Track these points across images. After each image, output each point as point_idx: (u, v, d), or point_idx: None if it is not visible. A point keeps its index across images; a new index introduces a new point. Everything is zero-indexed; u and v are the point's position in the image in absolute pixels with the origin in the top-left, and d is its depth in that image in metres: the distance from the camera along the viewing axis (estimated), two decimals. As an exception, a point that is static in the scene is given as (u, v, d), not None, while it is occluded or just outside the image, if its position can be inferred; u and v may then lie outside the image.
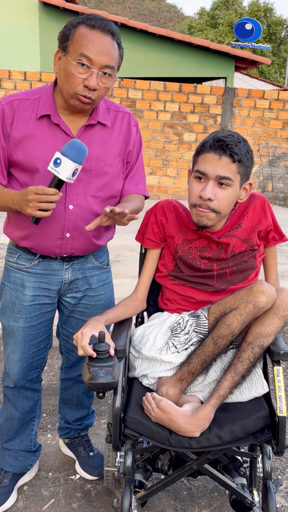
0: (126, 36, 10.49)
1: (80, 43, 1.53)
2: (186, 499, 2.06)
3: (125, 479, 1.58)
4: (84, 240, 1.77)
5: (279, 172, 9.40)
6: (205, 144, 1.64)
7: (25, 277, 1.80)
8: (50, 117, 1.64)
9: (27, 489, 2.08)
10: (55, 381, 2.95)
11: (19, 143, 1.64)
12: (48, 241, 1.73)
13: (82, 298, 1.90)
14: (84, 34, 1.53)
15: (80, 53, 1.52)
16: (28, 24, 10.56)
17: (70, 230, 1.72)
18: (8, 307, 1.84)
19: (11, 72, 8.34)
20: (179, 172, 9.14)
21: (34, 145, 1.64)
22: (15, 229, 1.77)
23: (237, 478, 1.79)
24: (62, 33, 1.58)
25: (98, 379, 1.38)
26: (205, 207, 1.63)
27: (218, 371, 1.65)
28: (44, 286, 1.82)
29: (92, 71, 1.54)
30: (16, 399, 1.95)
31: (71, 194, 1.69)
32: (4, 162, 1.67)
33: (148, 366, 1.71)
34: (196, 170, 1.65)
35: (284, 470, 2.28)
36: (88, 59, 1.52)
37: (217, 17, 36.93)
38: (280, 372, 1.57)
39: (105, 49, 1.54)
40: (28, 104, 1.66)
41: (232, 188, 1.63)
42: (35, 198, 1.47)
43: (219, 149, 1.60)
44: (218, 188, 1.62)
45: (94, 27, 1.53)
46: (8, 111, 1.63)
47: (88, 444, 2.23)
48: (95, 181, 1.71)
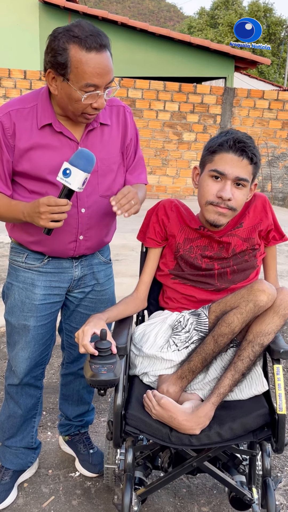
0: (126, 36, 10.51)
1: (83, 72, 1.48)
2: (185, 497, 2.08)
3: (126, 476, 1.59)
4: (96, 239, 1.79)
5: (278, 172, 9.42)
6: (224, 144, 1.64)
7: (36, 276, 1.80)
8: (51, 126, 1.64)
9: (27, 486, 2.09)
10: (55, 379, 2.96)
11: (25, 154, 1.63)
12: (62, 245, 1.74)
13: (89, 293, 1.92)
14: (83, 61, 1.47)
15: (86, 84, 1.49)
16: (28, 23, 10.57)
17: (83, 233, 1.74)
18: (17, 307, 1.83)
19: (11, 70, 8.34)
20: (179, 171, 9.15)
21: (40, 155, 1.63)
22: (24, 234, 1.76)
23: (236, 476, 1.80)
24: (54, 58, 1.49)
25: (100, 376, 1.39)
26: (224, 206, 1.65)
27: (218, 369, 1.66)
28: (55, 284, 1.83)
29: (99, 94, 1.53)
30: (20, 396, 1.96)
31: (82, 198, 1.70)
32: (8, 174, 1.66)
33: (149, 364, 1.72)
34: (214, 169, 1.65)
35: (282, 468, 2.30)
36: (95, 86, 1.51)
37: (217, 17, 36.94)
38: (280, 371, 1.58)
39: (106, 68, 1.51)
40: (26, 113, 1.63)
41: (246, 188, 1.67)
42: (48, 210, 1.47)
43: (240, 150, 1.61)
44: (235, 188, 1.65)
45: (90, 50, 1.46)
46: (7, 123, 1.61)
47: (88, 442, 2.24)
48: (102, 181, 1.73)
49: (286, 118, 9.10)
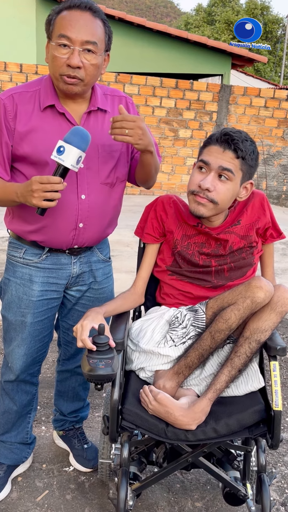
0: (123, 31, 10.45)
1: (60, 25, 1.54)
2: (179, 492, 2.08)
3: (122, 471, 1.59)
4: (96, 229, 1.77)
5: (273, 170, 9.43)
6: (212, 137, 1.66)
7: (34, 272, 1.79)
8: (54, 107, 1.64)
9: (21, 480, 2.09)
10: (49, 373, 2.95)
11: (25, 137, 1.63)
12: (61, 233, 1.71)
13: (87, 291, 1.91)
14: (63, 16, 1.54)
15: (59, 34, 1.53)
16: (25, 16, 10.47)
17: (83, 220, 1.72)
18: (14, 303, 1.82)
19: (7, 64, 8.27)
20: (174, 168, 9.14)
21: (40, 137, 1.63)
22: (23, 224, 1.74)
23: (230, 472, 1.81)
24: (46, 21, 1.60)
25: (98, 371, 1.39)
26: (203, 196, 1.64)
27: (214, 365, 1.67)
28: (52, 280, 1.81)
29: (72, 49, 1.53)
30: (15, 393, 1.96)
31: (82, 184, 1.68)
32: (7, 158, 1.66)
33: (146, 359, 1.72)
34: (200, 160, 1.67)
35: (275, 464, 2.31)
36: (67, 39, 1.53)
37: (214, 14, 36.86)
38: (276, 367, 1.59)
39: (84, 25, 1.53)
40: (29, 97, 1.65)
41: (232, 183, 1.65)
42: (40, 188, 1.45)
43: (225, 142, 1.62)
44: (218, 180, 1.64)
45: (71, 8, 1.54)
46: (10, 106, 1.62)
47: (82, 437, 2.24)
48: (103, 168, 1.72)
49: (282, 116, 9.11)
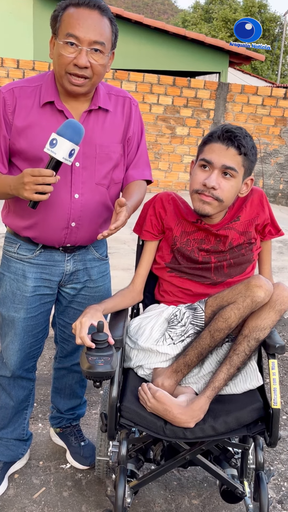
0: (121, 28, 10.23)
1: (67, 23, 1.52)
2: (176, 489, 2.08)
3: (120, 468, 1.59)
4: (89, 229, 1.76)
5: (270, 168, 9.44)
6: (213, 134, 1.65)
7: (27, 268, 1.79)
8: (53, 104, 1.63)
9: (18, 477, 2.08)
10: (46, 371, 2.94)
11: (22, 132, 1.62)
12: (53, 230, 1.71)
13: (82, 289, 1.90)
14: (71, 14, 1.52)
15: (67, 33, 1.51)
16: (22, 12, 10.41)
17: (75, 220, 1.71)
18: (8, 298, 1.82)
19: (4, 60, 8.23)
20: (171, 166, 9.13)
21: (37, 133, 1.62)
22: (17, 219, 1.75)
23: (228, 469, 1.81)
24: (52, 17, 1.58)
25: (97, 368, 1.39)
26: (208, 194, 1.64)
27: (213, 364, 1.67)
28: (45, 277, 1.81)
29: (80, 49, 1.52)
30: (12, 388, 1.95)
31: (76, 183, 1.67)
32: (5, 151, 1.65)
33: (144, 357, 1.72)
34: (202, 158, 1.66)
35: (272, 462, 2.32)
36: (75, 38, 1.51)
37: (212, 11, 36.82)
38: (275, 365, 1.59)
39: (92, 25, 1.52)
40: (29, 92, 1.64)
41: (236, 180, 1.65)
42: (32, 180, 1.44)
43: (227, 139, 1.61)
44: (222, 178, 1.64)
45: (79, 5, 1.52)
46: (9, 99, 1.61)
47: (79, 434, 2.23)
48: (100, 168, 1.70)
49: (279, 114, 9.11)
